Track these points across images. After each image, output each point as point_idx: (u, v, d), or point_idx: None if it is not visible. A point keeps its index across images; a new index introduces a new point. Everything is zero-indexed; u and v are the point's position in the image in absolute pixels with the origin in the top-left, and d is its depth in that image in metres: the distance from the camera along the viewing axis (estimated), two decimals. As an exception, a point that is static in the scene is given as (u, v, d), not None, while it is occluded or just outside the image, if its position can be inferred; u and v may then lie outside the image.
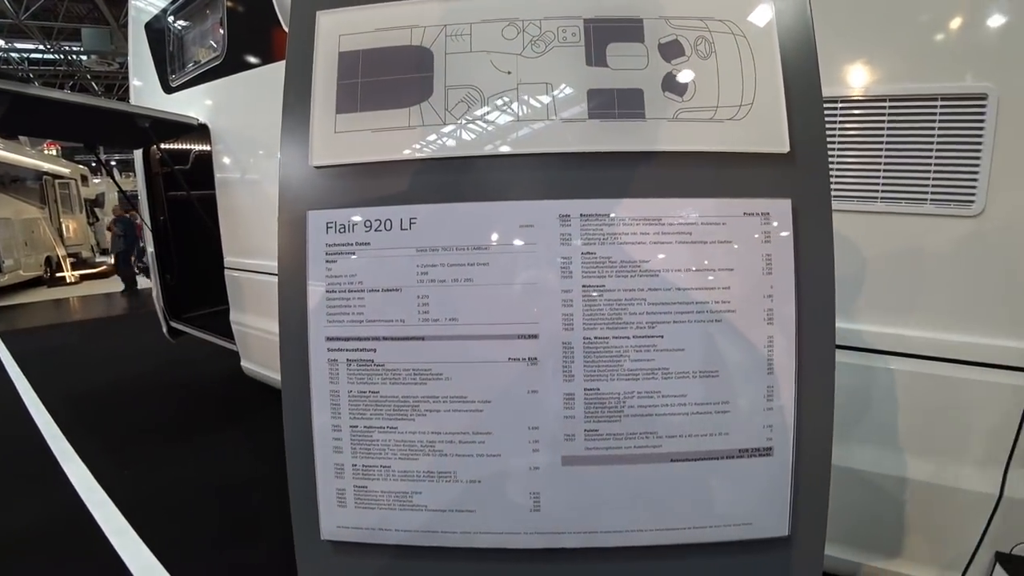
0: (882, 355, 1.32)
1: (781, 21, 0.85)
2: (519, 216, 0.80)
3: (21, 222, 10.10)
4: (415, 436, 0.82)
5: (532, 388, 0.80)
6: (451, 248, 0.80)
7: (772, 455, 0.83)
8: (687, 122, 0.83)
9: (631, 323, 0.79)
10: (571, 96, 0.83)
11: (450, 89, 0.84)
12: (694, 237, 0.81)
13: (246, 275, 2.85)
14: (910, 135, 1.24)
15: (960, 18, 1.20)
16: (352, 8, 0.89)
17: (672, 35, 0.85)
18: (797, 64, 0.85)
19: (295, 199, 0.86)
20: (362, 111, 0.85)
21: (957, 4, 1.20)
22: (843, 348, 1.33)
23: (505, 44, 0.85)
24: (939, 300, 1.27)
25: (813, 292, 0.83)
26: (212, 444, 3.16)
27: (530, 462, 0.81)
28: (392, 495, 0.83)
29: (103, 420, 3.57)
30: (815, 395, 0.83)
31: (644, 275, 0.80)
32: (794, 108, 0.84)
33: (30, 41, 15.01)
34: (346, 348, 0.82)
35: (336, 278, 0.83)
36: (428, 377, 0.81)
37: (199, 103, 3.03)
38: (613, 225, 0.80)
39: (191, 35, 3.17)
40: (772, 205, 0.82)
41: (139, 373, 4.64)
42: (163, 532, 2.27)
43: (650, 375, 0.80)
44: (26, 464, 2.99)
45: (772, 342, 0.82)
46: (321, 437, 0.84)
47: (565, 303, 0.79)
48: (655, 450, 0.81)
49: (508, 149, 0.82)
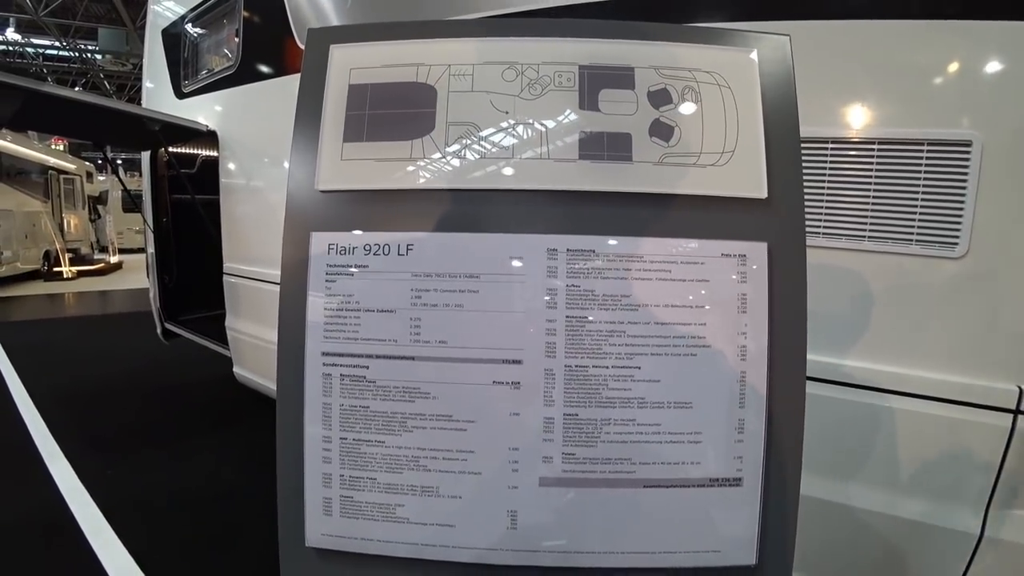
0: (867, 391, 1.36)
1: (764, 74, 0.91)
2: (509, 248, 0.85)
3: (23, 214, 10.14)
4: (401, 451, 0.86)
5: (514, 411, 0.84)
6: (444, 275, 0.85)
7: (741, 485, 0.86)
8: (672, 166, 0.88)
9: (611, 353, 0.84)
10: (564, 137, 0.88)
11: (451, 125, 0.89)
12: (674, 275, 0.86)
13: (244, 282, 2.88)
14: (897, 177, 1.29)
15: (948, 67, 1.26)
16: (364, 44, 0.95)
17: (661, 84, 0.91)
18: (778, 114, 0.91)
19: (300, 220, 0.91)
20: (368, 141, 0.90)
21: (946, 53, 1.25)
22: (828, 382, 1.37)
23: (504, 85, 0.90)
24: (923, 338, 1.31)
25: (785, 331, 0.87)
26: (198, 448, 3.16)
27: (509, 481, 0.85)
28: (376, 506, 0.87)
29: (91, 418, 3.57)
30: (785, 429, 0.87)
31: (625, 309, 0.84)
32: (773, 156, 0.89)
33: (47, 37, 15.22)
34: (340, 363, 0.87)
35: (335, 297, 0.87)
36: (416, 395, 0.85)
37: (209, 110, 3.10)
38: (597, 260, 0.85)
39: (206, 43, 3.25)
40: (749, 247, 0.87)
41: (130, 373, 4.64)
42: (142, 534, 2.28)
43: (626, 404, 0.84)
44: (10, 460, 2.99)
45: (744, 377, 0.86)
46: (311, 447, 0.88)
47: (549, 332, 0.84)
48: (629, 475, 0.85)
49: (502, 184, 0.87)
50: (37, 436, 3.29)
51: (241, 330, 2.94)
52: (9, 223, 9.53)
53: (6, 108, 2.77)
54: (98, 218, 15.07)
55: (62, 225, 12.05)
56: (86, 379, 4.44)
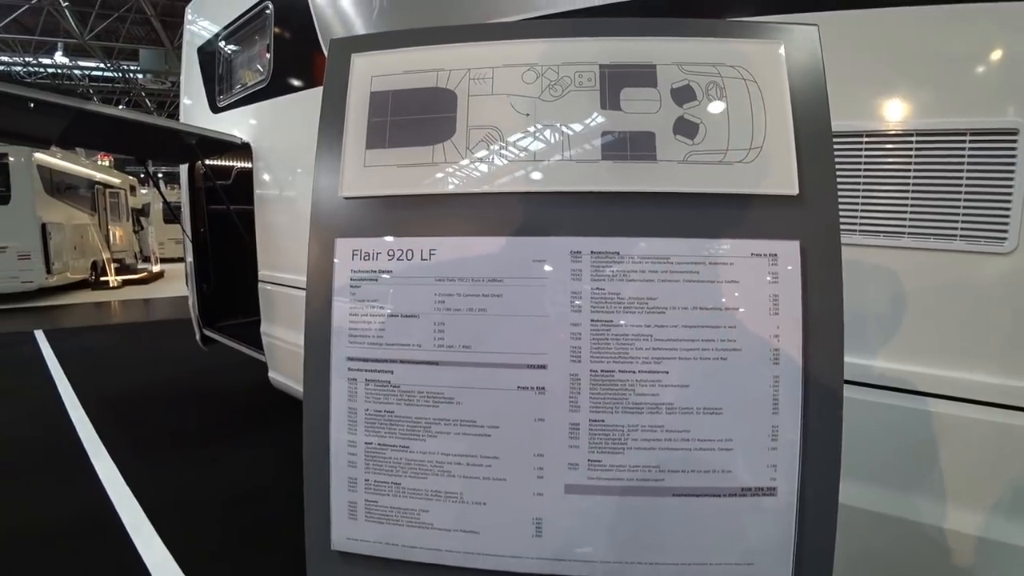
0: (908, 394, 1.30)
1: (792, 66, 0.88)
2: (533, 251, 0.84)
3: (72, 227, 10.68)
4: (425, 456, 0.85)
5: (539, 416, 0.83)
6: (467, 279, 0.85)
7: (775, 495, 0.83)
8: (697, 164, 0.86)
9: (637, 358, 0.82)
10: (585, 138, 0.87)
11: (472, 129, 0.89)
12: (702, 276, 0.83)
13: (278, 288, 2.96)
14: (938, 170, 1.23)
15: (991, 52, 1.20)
16: (384, 51, 0.96)
17: (684, 80, 0.89)
18: (807, 107, 0.88)
19: (325, 226, 0.92)
20: (390, 147, 0.91)
21: (987, 38, 1.19)
22: (867, 386, 1.31)
23: (524, 88, 0.90)
24: (971, 339, 1.24)
25: (821, 333, 0.84)
26: (235, 451, 3.25)
27: (534, 488, 0.84)
28: (401, 511, 0.87)
29: (134, 420, 3.72)
30: (822, 436, 0.83)
31: (651, 312, 0.82)
32: (804, 151, 0.86)
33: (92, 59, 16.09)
34: (365, 368, 0.87)
35: (359, 302, 0.88)
36: (440, 400, 0.85)
37: (243, 123, 3.20)
38: (623, 262, 0.83)
39: (239, 59, 3.36)
40: (780, 246, 0.84)
41: (171, 377, 4.82)
42: (181, 533, 2.36)
43: (654, 409, 0.82)
44: (59, 458, 3.14)
45: (778, 382, 0.83)
46: (337, 451, 0.89)
47: (574, 336, 0.83)
48: (657, 483, 0.83)
49: (524, 187, 0.86)
50: (84, 436, 3.45)
51: (275, 335, 3.02)
52: (60, 235, 10.05)
53: (56, 127, 2.92)
54: (141, 229, 15.75)
55: (108, 237, 12.66)
56: (130, 383, 4.62)
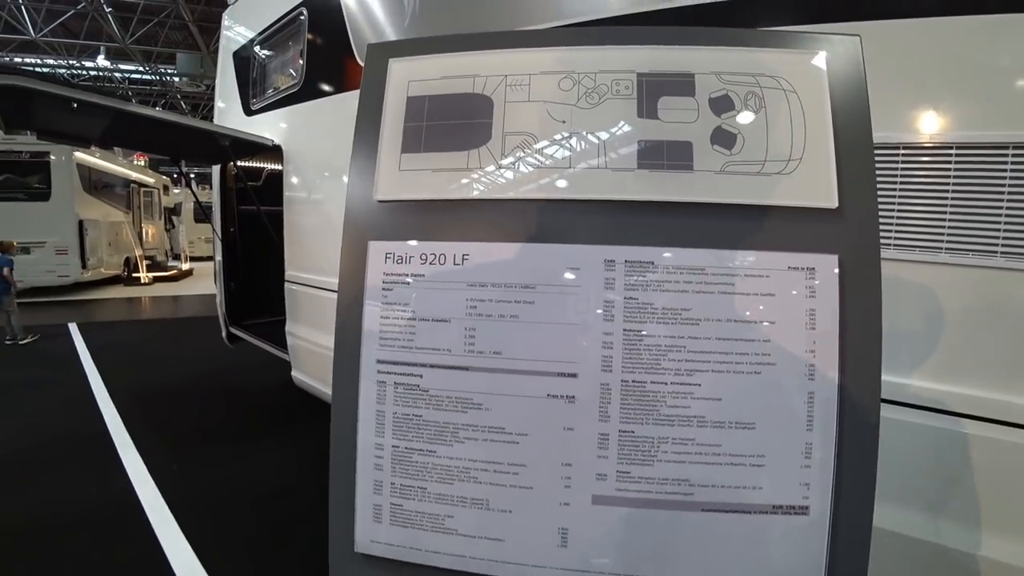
0: (945, 415, 1.26)
1: (833, 77, 0.87)
2: (566, 259, 0.84)
3: (108, 224, 11.05)
4: (452, 461, 0.85)
5: (568, 425, 0.82)
6: (500, 285, 0.85)
7: (808, 514, 0.81)
8: (735, 175, 0.85)
9: (669, 369, 0.81)
10: (622, 146, 0.87)
11: (507, 135, 0.90)
12: (737, 288, 0.82)
13: (304, 289, 3.00)
14: (979, 184, 1.20)
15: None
16: (421, 57, 0.97)
17: (723, 90, 0.88)
18: (848, 119, 0.86)
19: (358, 229, 0.93)
20: (425, 152, 0.92)
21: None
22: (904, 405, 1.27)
23: (561, 95, 0.90)
24: (1009, 359, 1.20)
25: (858, 350, 0.82)
26: (258, 448, 3.30)
27: (561, 498, 0.83)
28: (426, 516, 0.87)
29: (162, 415, 3.80)
30: (857, 455, 0.81)
31: (685, 323, 0.81)
32: (844, 163, 0.84)
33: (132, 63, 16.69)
34: (395, 372, 0.88)
35: (391, 305, 0.88)
36: (469, 406, 0.85)
37: (275, 126, 3.26)
38: (656, 272, 0.82)
39: (273, 63, 3.44)
40: (818, 260, 0.82)
41: (197, 373, 4.93)
42: (203, 528, 2.39)
43: (686, 422, 0.81)
44: (88, 450, 3.22)
45: (812, 398, 0.81)
46: (364, 453, 0.89)
47: (605, 345, 0.82)
48: (686, 498, 0.81)
49: (559, 194, 0.86)
50: (113, 428, 3.53)
51: (300, 335, 3.05)
52: (96, 232, 10.39)
53: (97, 126, 3.01)
54: (172, 228, 16.16)
55: (141, 234, 13.04)
56: (158, 378, 4.73)
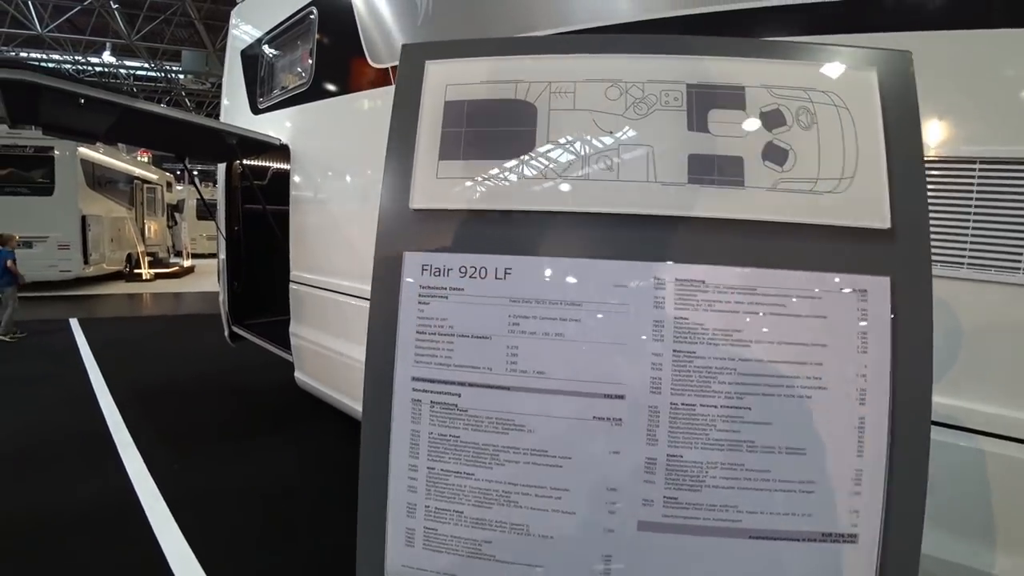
0: (962, 432, 1.24)
1: (885, 92, 0.85)
2: (614, 276, 0.81)
3: (110, 220, 10.93)
4: (491, 485, 0.82)
5: (614, 449, 0.79)
6: (544, 301, 0.81)
7: (856, 542, 0.79)
8: (786, 192, 0.82)
9: (720, 392, 0.78)
10: (671, 159, 0.84)
11: (552, 144, 0.86)
12: (788, 310, 0.80)
13: (309, 290, 2.94)
14: (1003, 200, 1.19)
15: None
16: (460, 60, 0.93)
17: (774, 104, 0.85)
18: (900, 137, 0.84)
19: (392, 239, 0.89)
20: (464, 159, 0.88)
21: None
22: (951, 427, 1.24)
23: (608, 104, 0.87)
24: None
25: (910, 375, 0.80)
26: (259, 448, 3.24)
27: (605, 524, 0.80)
28: (462, 541, 0.83)
29: (162, 413, 3.74)
30: (907, 482, 0.79)
31: (736, 344, 0.79)
32: (896, 183, 0.82)
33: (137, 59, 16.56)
34: (431, 390, 0.84)
35: (427, 320, 0.85)
36: (510, 427, 0.81)
37: (282, 125, 3.21)
38: (707, 292, 0.79)
39: (282, 62, 3.37)
40: (870, 282, 0.80)
41: (198, 371, 4.85)
42: (201, 528, 2.35)
43: (735, 447, 0.78)
44: (88, 448, 3.17)
45: (864, 423, 0.79)
46: (397, 474, 0.85)
47: (654, 366, 0.79)
48: (734, 524, 0.79)
49: (606, 207, 0.83)
50: (113, 426, 3.47)
51: (304, 336, 3.00)
52: (99, 227, 10.26)
53: (103, 122, 2.94)
54: (175, 225, 15.95)
55: (143, 230, 12.87)
56: (158, 375, 4.65)
